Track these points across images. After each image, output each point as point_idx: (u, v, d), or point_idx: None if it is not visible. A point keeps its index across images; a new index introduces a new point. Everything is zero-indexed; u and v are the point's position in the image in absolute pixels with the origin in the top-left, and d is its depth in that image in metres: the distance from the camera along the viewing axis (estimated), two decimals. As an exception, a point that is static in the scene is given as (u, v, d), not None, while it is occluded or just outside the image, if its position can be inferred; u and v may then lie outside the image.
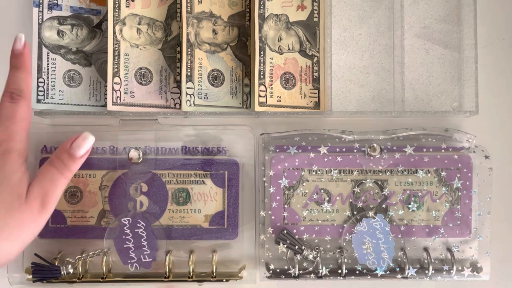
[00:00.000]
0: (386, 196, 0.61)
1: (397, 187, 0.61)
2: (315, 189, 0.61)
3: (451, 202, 0.61)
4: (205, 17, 0.61)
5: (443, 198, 0.61)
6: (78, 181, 0.62)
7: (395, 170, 0.61)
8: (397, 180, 0.61)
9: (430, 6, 0.64)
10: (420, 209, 0.61)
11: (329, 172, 0.61)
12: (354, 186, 0.61)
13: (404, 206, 0.61)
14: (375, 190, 0.61)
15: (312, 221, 0.61)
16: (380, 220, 0.60)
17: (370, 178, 0.61)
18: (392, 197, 0.61)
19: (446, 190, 0.61)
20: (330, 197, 0.61)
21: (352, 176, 0.61)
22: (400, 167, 0.61)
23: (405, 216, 0.61)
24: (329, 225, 0.61)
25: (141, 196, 0.62)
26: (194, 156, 0.62)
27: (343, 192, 0.61)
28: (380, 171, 0.61)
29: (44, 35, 0.61)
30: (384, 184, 0.61)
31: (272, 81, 0.61)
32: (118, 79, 0.60)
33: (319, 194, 0.61)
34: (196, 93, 0.60)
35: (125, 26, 0.60)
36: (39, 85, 0.61)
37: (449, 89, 0.64)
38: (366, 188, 0.61)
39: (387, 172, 0.61)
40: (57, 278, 0.59)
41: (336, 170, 0.61)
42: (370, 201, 0.61)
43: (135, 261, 0.61)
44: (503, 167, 0.64)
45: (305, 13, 0.63)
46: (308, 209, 0.61)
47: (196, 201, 0.62)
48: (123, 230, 0.60)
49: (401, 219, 0.61)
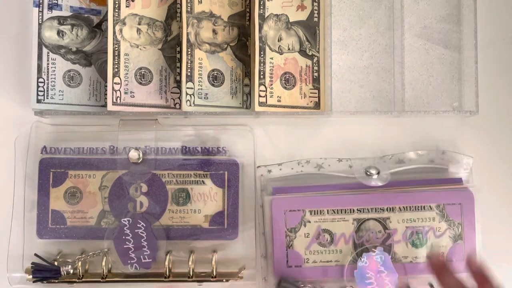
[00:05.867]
0: (389, 234, 0.60)
1: (400, 225, 0.60)
2: (317, 230, 0.60)
3: (454, 238, 0.60)
4: (205, 17, 0.61)
5: (446, 234, 0.60)
6: (78, 181, 0.62)
7: (396, 207, 0.60)
8: (399, 218, 0.60)
9: (430, 6, 0.64)
10: (423, 246, 0.60)
11: (330, 212, 0.60)
12: (356, 226, 0.60)
13: (408, 243, 0.60)
14: (377, 229, 0.60)
15: (316, 262, 0.60)
16: (380, 253, 0.60)
17: (372, 217, 0.60)
18: (395, 235, 0.60)
19: (448, 226, 0.60)
20: (333, 238, 0.60)
21: (354, 215, 0.60)
22: (402, 205, 0.60)
23: (409, 253, 0.60)
24: (333, 266, 0.60)
25: (141, 197, 0.62)
26: (194, 156, 0.62)
27: (345, 232, 0.60)
28: (382, 209, 0.60)
29: (44, 35, 0.61)
30: (386, 222, 0.60)
31: (272, 81, 0.61)
32: (118, 79, 0.60)
33: (321, 235, 0.60)
34: (196, 93, 0.60)
35: (125, 26, 0.60)
36: (39, 85, 0.61)
37: (449, 89, 0.64)
38: (368, 227, 0.60)
39: (389, 209, 0.60)
40: (57, 278, 0.59)
41: (337, 210, 0.60)
42: (373, 240, 0.60)
43: (135, 261, 0.61)
44: (503, 167, 0.64)
45: (305, 13, 0.63)
46: (311, 250, 0.60)
47: (196, 201, 0.62)
48: (123, 231, 0.60)
49: (405, 257, 0.60)
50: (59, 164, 0.62)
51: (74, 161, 0.62)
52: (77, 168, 0.62)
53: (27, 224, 0.61)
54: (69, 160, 0.62)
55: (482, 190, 0.61)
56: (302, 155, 0.63)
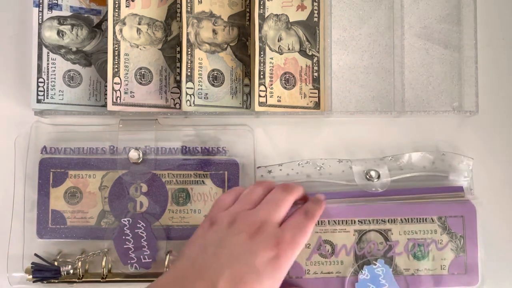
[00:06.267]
0: (391, 246, 0.60)
1: (401, 237, 0.60)
2: (318, 240, 0.60)
3: (456, 250, 0.60)
4: (205, 17, 0.61)
5: (448, 246, 0.60)
6: (78, 181, 0.62)
7: (398, 219, 0.60)
8: (401, 230, 0.60)
9: (430, 6, 0.64)
10: (425, 258, 0.60)
11: (332, 223, 0.60)
12: (358, 237, 0.60)
13: (409, 255, 0.60)
14: (379, 240, 0.60)
15: (317, 273, 0.59)
16: (381, 266, 0.59)
17: (373, 228, 0.60)
18: (397, 247, 0.60)
19: (450, 238, 0.60)
20: (334, 249, 0.60)
21: (355, 226, 0.60)
22: (403, 216, 0.60)
23: (411, 266, 0.59)
24: (335, 278, 0.60)
25: (141, 197, 0.62)
26: (194, 156, 0.62)
27: (347, 243, 0.60)
28: (383, 220, 0.60)
29: (44, 35, 0.61)
30: (388, 234, 0.60)
31: (272, 81, 0.61)
32: (118, 79, 0.60)
33: (322, 246, 0.60)
34: (196, 93, 0.60)
35: (125, 26, 0.60)
36: (39, 85, 0.61)
37: (449, 89, 0.64)
38: (369, 238, 0.60)
39: (390, 221, 0.60)
40: (57, 278, 0.59)
41: (338, 221, 0.60)
42: (375, 252, 0.59)
43: (135, 261, 0.61)
44: (503, 167, 0.64)
45: (305, 13, 0.63)
46: (312, 261, 0.59)
47: (196, 201, 0.62)
48: (123, 231, 0.60)
49: (407, 269, 0.59)
50: (59, 164, 0.62)
51: (74, 161, 0.62)
52: (77, 168, 0.62)
53: (27, 224, 0.61)
54: (69, 160, 0.62)
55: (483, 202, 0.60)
56: (302, 155, 0.63)
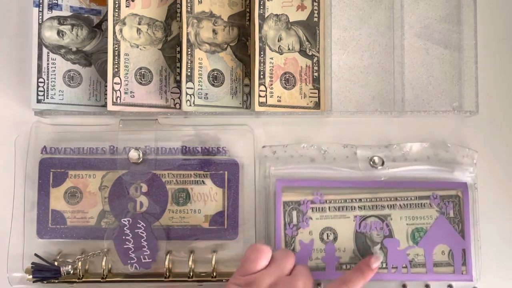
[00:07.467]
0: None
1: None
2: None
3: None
4: (205, 17, 0.61)
5: None
6: (78, 181, 0.62)
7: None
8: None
9: (430, 6, 0.64)
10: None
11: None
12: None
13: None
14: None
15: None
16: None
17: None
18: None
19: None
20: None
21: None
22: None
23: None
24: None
25: (141, 197, 0.62)
26: (194, 156, 0.62)
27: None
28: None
29: (44, 35, 0.61)
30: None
31: (272, 81, 0.61)
32: (118, 79, 0.60)
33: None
34: (196, 93, 0.60)
35: (125, 26, 0.60)
36: (39, 85, 0.61)
37: (449, 89, 0.64)
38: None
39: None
40: (57, 278, 0.59)
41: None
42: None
43: (135, 261, 0.61)
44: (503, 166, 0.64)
45: (305, 13, 0.63)
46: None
47: (196, 201, 0.62)
48: (123, 231, 0.60)
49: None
50: (59, 164, 0.62)
51: (74, 161, 0.62)
52: (77, 168, 0.62)
53: (27, 224, 0.61)
54: (69, 160, 0.62)
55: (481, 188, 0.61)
56: (302, 155, 0.63)
